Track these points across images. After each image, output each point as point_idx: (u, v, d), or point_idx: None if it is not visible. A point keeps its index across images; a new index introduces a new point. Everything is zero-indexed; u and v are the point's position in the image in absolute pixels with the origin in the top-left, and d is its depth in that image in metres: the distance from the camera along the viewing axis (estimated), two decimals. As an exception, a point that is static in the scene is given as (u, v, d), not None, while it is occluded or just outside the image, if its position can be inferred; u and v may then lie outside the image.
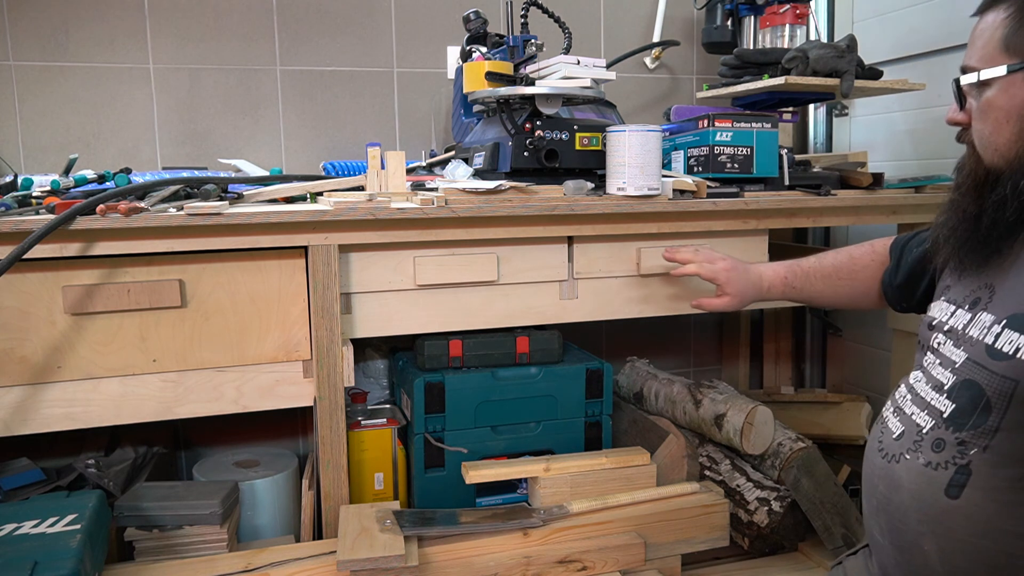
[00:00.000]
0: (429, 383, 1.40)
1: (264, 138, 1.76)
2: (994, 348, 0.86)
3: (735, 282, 1.28)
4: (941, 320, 0.96)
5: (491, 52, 1.49)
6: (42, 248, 1.05)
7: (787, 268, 1.29)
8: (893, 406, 0.99)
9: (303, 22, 1.75)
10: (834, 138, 2.10)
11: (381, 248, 1.26)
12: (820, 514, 1.44)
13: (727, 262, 1.29)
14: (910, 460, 0.92)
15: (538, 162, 1.32)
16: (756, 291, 1.29)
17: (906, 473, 0.92)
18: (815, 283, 1.27)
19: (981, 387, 0.86)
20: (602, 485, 1.35)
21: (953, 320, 0.94)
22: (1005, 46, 0.87)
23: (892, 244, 1.20)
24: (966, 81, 0.92)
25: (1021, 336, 0.83)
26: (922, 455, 0.90)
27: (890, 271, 1.18)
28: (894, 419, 0.97)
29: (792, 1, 1.70)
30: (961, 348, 0.91)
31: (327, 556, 1.17)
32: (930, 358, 0.96)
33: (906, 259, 1.16)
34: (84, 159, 1.61)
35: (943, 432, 0.89)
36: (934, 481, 0.88)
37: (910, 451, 0.92)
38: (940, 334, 0.95)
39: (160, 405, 1.19)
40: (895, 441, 0.95)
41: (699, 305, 1.33)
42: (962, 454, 0.86)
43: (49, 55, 1.61)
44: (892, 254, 1.19)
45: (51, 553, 0.98)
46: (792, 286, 1.29)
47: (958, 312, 0.94)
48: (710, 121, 1.43)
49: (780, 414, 1.58)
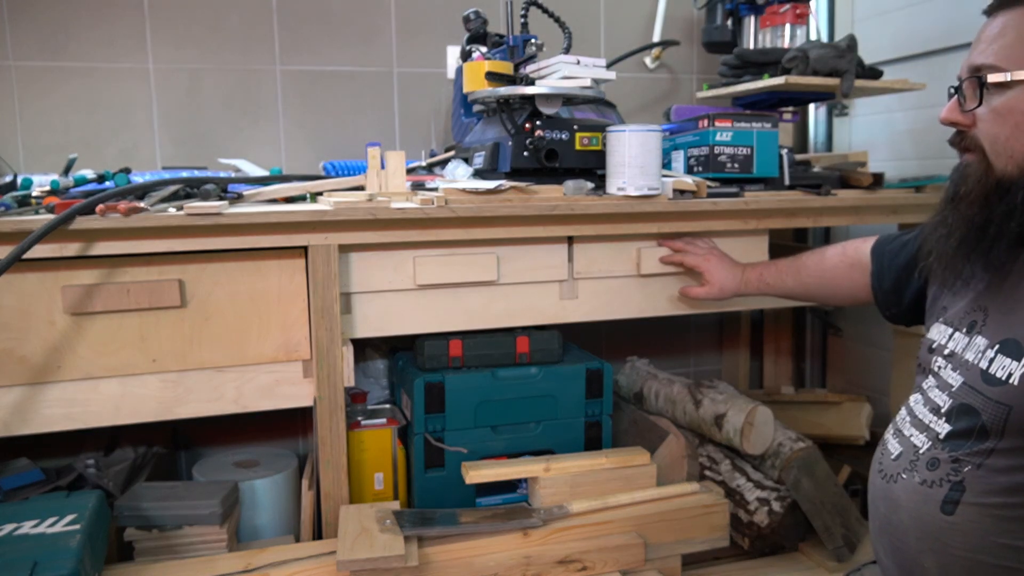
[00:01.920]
0: (429, 383, 1.40)
1: (264, 138, 1.76)
2: (988, 373, 0.86)
3: (716, 272, 1.36)
4: (941, 343, 0.96)
5: (491, 52, 1.49)
6: (42, 248, 1.05)
7: (765, 265, 1.38)
8: (894, 428, 1.00)
9: (303, 22, 1.75)
10: (834, 138, 2.10)
11: (381, 248, 1.26)
12: (820, 514, 1.44)
13: (714, 254, 1.37)
14: (907, 479, 0.93)
15: (538, 162, 1.32)
16: (735, 283, 1.37)
17: (903, 492, 0.93)
18: (787, 279, 1.34)
19: (978, 412, 0.86)
20: (602, 485, 1.35)
21: (952, 344, 0.94)
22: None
23: (873, 247, 1.21)
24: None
25: (1014, 362, 0.83)
26: (917, 474, 0.91)
27: (876, 274, 1.19)
28: (893, 441, 0.98)
29: (792, 1, 1.70)
30: (958, 372, 0.91)
31: (327, 556, 1.17)
32: (930, 381, 0.96)
33: (890, 264, 1.16)
34: (84, 159, 1.61)
35: (938, 452, 0.90)
36: (930, 499, 0.89)
37: (906, 471, 0.93)
38: (940, 358, 0.95)
39: (160, 405, 1.19)
40: (893, 462, 0.96)
41: (684, 293, 1.41)
42: (956, 471, 0.87)
43: (49, 55, 1.61)
44: (873, 257, 1.19)
45: (51, 553, 0.98)
46: (766, 281, 1.36)
47: (956, 335, 0.94)
48: (710, 121, 1.43)
49: (780, 414, 1.58)
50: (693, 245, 1.39)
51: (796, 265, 1.33)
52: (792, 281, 1.33)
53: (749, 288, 1.37)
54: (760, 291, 1.37)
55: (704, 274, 1.37)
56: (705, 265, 1.36)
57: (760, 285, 1.36)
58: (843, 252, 1.27)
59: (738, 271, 1.37)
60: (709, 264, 1.36)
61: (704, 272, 1.36)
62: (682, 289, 1.41)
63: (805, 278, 1.31)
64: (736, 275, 1.37)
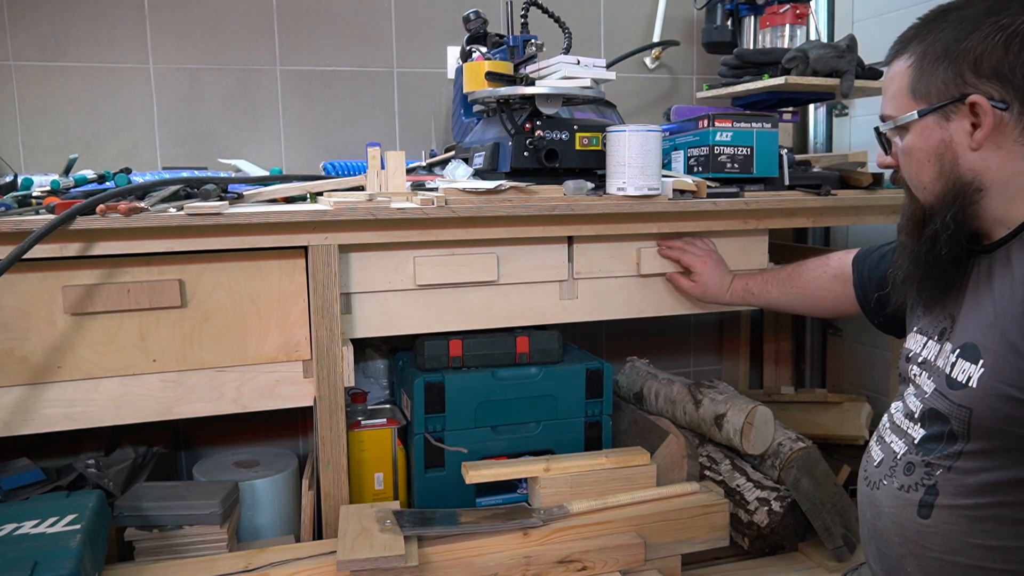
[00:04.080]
0: (429, 383, 1.40)
1: (264, 138, 1.76)
2: (951, 378, 0.89)
3: (706, 273, 1.40)
4: (916, 352, 0.99)
5: (491, 52, 1.49)
6: (42, 248, 1.05)
7: (752, 276, 1.42)
8: (877, 435, 1.03)
9: (303, 22, 1.75)
10: (834, 138, 2.10)
11: (381, 248, 1.26)
12: (820, 514, 1.44)
13: (711, 257, 1.41)
14: (887, 485, 0.95)
15: (538, 162, 1.32)
16: (719, 289, 1.41)
17: (885, 498, 0.95)
18: (771, 289, 1.39)
19: (947, 417, 0.89)
20: (602, 485, 1.35)
21: (926, 351, 0.97)
22: (912, 92, 0.91)
23: (854, 258, 1.27)
24: (884, 128, 0.97)
25: (972, 365, 0.86)
26: (896, 479, 0.94)
27: (859, 285, 1.25)
28: (876, 448, 1.01)
29: (792, 1, 1.70)
30: (931, 379, 0.94)
31: (327, 556, 1.17)
32: (909, 389, 0.99)
33: (871, 275, 1.22)
34: (84, 159, 1.61)
35: (913, 456, 0.93)
36: (908, 503, 0.91)
37: (887, 477, 0.96)
38: (915, 366, 0.98)
39: (160, 405, 1.19)
40: (876, 468, 0.99)
41: (670, 278, 1.44)
42: (929, 475, 0.90)
43: (49, 55, 1.61)
44: (855, 268, 1.26)
45: (51, 553, 0.97)
46: (751, 291, 1.40)
47: (929, 343, 0.97)
48: (710, 121, 1.43)
49: (780, 414, 1.58)
50: (692, 245, 1.42)
51: (781, 276, 1.38)
52: (776, 291, 1.38)
53: (733, 298, 1.41)
54: (744, 301, 1.42)
55: (696, 273, 1.40)
56: (700, 266, 1.40)
57: (745, 295, 1.41)
58: (826, 263, 1.32)
59: (727, 280, 1.41)
60: (704, 266, 1.40)
61: (696, 271, 1.40)
62: (669, 274, 1.44)
63: (789, 288, 1.36)
64: (724, 282, 1.41)
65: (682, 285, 1.42)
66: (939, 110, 0.89)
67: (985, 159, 0.88)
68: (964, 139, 0.89)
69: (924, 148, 0.92)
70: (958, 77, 0.87)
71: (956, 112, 0.88)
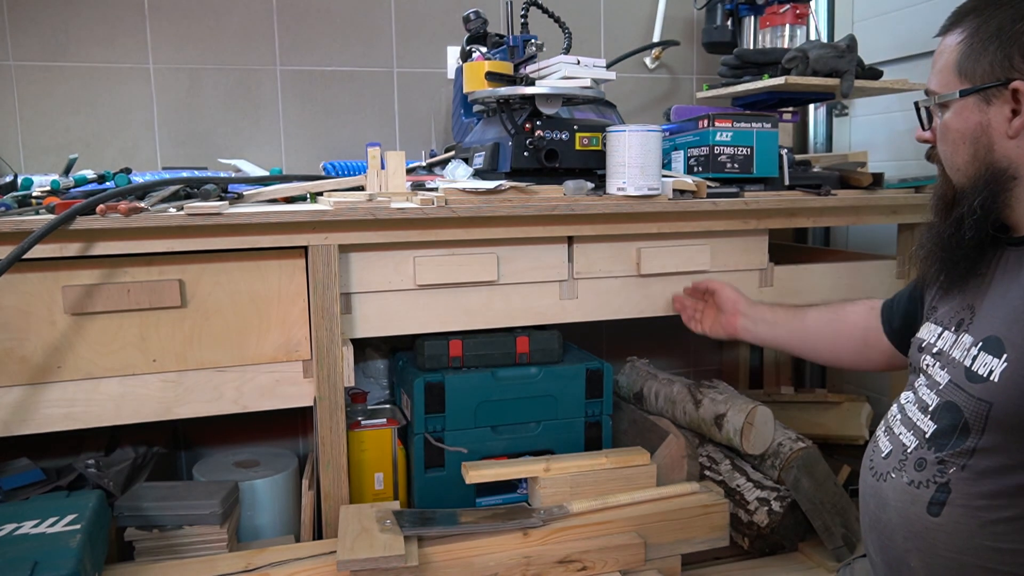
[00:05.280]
0: (429, 383, 1.40)
1: (264, 138, 1.76)
2: (971, 371, 0.87)
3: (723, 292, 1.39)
4: (930, 342, 0.98)
5: (491, 52, 1.49)
6: (42, 248, 1.05)
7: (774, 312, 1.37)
8: (885, 425, 1.02)
9: (303, 22, 1.75)
10: (834, 138, 2.10)
11: (381, 248, 1.26)
12: (820, 514, 1.44)
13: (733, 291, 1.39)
14: (895, 479, 0.94)
15: (538, 162, 1.32)
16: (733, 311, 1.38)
17: (892, 491, 0.94)
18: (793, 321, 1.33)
19: (960, 409, 0.87)
20: (602, 485, 1.35)
21: (940, 342, 0.96)
22: (959, 70, 0.89)
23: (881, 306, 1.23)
24: (925, 103, 0.95)
25: (995, 359, 0.85)
26: (906, 474, 0.92)
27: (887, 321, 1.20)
28: (884, 438, 1.00)
29: (792, 1, 1.70)
30: (945, 370, 0.92)
31: (327, 556, 1.17)
32: (920, 379, 0.98)
33: (898, 306, 1.19)
34: (84, 159, 1.61)
35: (925, 452, 0.91)
36: (917, 499, 0.90)
37: (895, 470, 0.94)
38: (929, 356, 0.97)
39: (160, 405, 1.19)
40: (883, 460, 0.97)
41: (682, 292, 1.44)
42: (942, 473, 0.88)
43: (49, 55, 1.61)
44: (883, 312, 1.22)
45: (51, 553, 0.98)
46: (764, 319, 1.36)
47: (945, 334, 0.96)
48: (710, 121, 1.43)
49: (780, 414, 1.58)
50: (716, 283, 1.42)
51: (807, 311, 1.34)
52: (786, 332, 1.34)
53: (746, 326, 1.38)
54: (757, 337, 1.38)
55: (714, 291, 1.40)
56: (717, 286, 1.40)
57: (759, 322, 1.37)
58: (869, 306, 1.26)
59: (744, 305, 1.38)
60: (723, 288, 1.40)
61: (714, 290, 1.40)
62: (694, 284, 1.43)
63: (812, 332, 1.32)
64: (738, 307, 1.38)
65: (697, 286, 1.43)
66: (981, 92, 0.87)
67: (1021, 147, 0.86)
68: (1002, 125, 0.86)
69: (960, 129, 0.90)
70: (1006, 60, 0.85)
71: (998, 97, 0.86)
